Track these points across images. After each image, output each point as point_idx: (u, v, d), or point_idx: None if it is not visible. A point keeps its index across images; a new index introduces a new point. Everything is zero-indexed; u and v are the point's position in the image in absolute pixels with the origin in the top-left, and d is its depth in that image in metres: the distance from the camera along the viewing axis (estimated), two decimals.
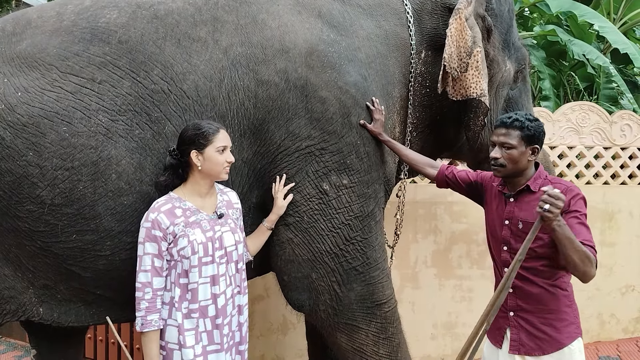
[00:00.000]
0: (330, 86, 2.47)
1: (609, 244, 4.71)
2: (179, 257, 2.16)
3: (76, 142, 2.23)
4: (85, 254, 2.31)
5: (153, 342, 2.16)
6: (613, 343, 4.74)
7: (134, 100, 2.29)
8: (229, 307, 2.27)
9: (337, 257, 2.51)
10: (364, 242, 2.55)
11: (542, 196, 1.92)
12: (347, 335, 2.61)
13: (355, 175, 2.52)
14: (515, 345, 2.25)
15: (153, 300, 2.15)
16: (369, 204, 2.57)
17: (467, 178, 2.54)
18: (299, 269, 2.52)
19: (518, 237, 2.24)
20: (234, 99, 2.38)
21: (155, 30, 2.38)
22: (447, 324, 4.44)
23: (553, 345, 2.20)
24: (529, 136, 2.20)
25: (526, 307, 2.24)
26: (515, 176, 2.27)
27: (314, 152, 2.45)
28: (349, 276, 2.54)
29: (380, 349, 2.64)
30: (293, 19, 2.52)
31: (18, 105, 2.23)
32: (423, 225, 4.35)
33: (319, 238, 2.49)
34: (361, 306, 2.58)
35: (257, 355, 4.15)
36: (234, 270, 2.29)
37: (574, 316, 2.25)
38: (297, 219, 2.48)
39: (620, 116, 4.71)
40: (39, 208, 2.24)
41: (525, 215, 2.22)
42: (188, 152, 2.19)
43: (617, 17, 6.98)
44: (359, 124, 2.52)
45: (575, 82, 6.50)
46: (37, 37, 2.37)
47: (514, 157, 2.21)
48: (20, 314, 2.39)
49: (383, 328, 2.64)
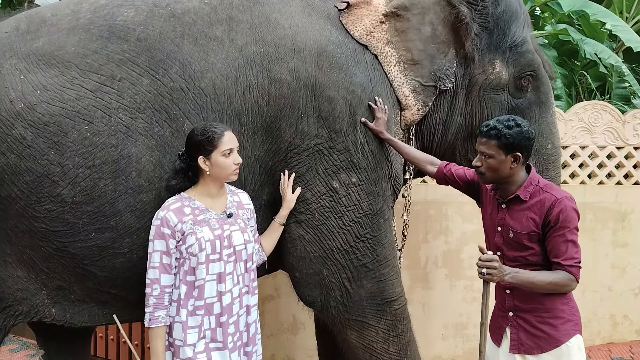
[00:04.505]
0: (338, 86, 2.49)
1: (621, 245, 4.68)
2: (187, 254, 2.17)
3: (97, 140, 2.25)
4: (104, 252, 2.32)
5: (159, 338, 2.19)
6: (626, 344, 4.70)
7: (153, 98, 2.31)
8: (236, 307, 2.27)
9: (347, 254, 2.53)
10: (373, 239, 2.57)
11: (477, 263, 2.10)
12: (357, 332, 2.62)
13: (363, 173, 2.53)
14: (515, 344, 2.27)
15: (161, 296, 2.17)
16: (378, 201, 2.58)
17: (464, 176, 2.54)
18: (311, 265, 2.53)
19: (510, 245, 2.25)
20: (249, 97, 2.40)
21: (172, 29, 2.39)
22: (458, 325, 4.43)
23: (551, 343, 2.20)
24: (507, 144, 2.17)
25: (524, 306, 2.25)
26: (502, 183, 2.27)
27: (323, 150, 2.47)
28: (359, 273, 2.55)
29: (390, 346, 2.65)
30: (304, 20, 2.55)
31: (38, 104, 2.25)
32: (434, 226, 4.34)
33: (330, 235, 2.51)
34: (371, 303, 2.59)
35: (267, 355, 4.15)
36: (242, 270, 2.30)
37: (571, 314, 2.24)
38: (308, 217, 2.50)
39: (633, 115, 4.67)
40: (59, 207, 2.25)
41: (516, 225, 2.23)
42: (196, 157, 2.21)
43: (629, 15, 6.93)
44: (362, 123, 2.54)
45: (587, 82, 6.46)
46: (54, 35, 2.38)
47: (492, 166, 2.21)
48: (33, 315, 2.41)
49: (393, 325, 2.65)
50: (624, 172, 4.71)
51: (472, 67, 2.78)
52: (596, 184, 4.65)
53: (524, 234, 2.20)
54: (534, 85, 2.89)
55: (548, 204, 2.16)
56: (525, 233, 2.20)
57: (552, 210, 2.15)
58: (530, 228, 2.19)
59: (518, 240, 2.22)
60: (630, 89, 6.23)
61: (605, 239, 4.62)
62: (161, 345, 2.19)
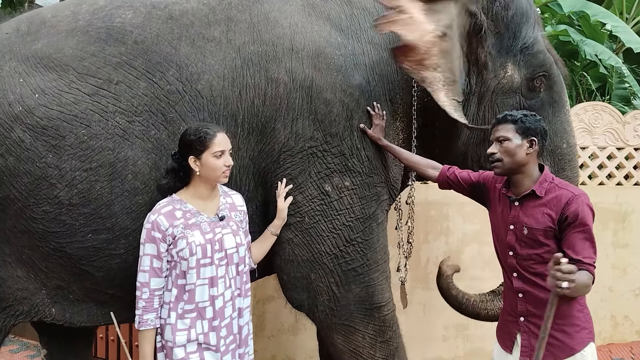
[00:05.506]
0: (335, 88, 2.47)
1: (622, 245, 4.67)
2: (178, 258, 2.16)
3: (94, 144, 2.26)
4: (100, 253, 2.33)
5: (147, 341, 2.20)
6: (627, 345, 4.69)
7: (150, 101, 2.31)
8: (228, 310, 2.25)
9: (336, 258, 2.50)
10: (364, 243, 2.54)
11: (556, 274, 1.80)
12: (344, 336, 2.60)
13: (357, 178, 2.51)
14: (526, 351, 2.21)
15: (150, 300, 2.17)
16: (371, 205, 2.56)
17: (469, 179, 2.49)
18: (298, 269, 2.52)
19: (523, 242, 2.20)
20: (245, 98, 2.39)
21: (170, 31, 2.39)
22: (459, 326, 4.41)
23: (565, 351, 2.15)
24: (524, 128, 2.17)
25: (536, 312, 2.17)
26: (516, 173, 2.23)
27: (317, 153, 2.45)
28: (347, 277, 2.53)
29: (377, 352, 2.62)
30: (303, 20, 2.54)
31: (36, 107, 2.26)
32: (434, 226, 4.34)
33: (319, 239, 2.49)
34: (359, 308, 2.57)
35: (267, 356, 4.15)
36: (234, 273, 2.28)
37: (585, 321, 2.20)
38: (298, 220, 2.48)
39: (633, 116, 4.67)
40: (56, 208, 2.26)
41: (531, 222, 2.18)
42: (187, 157, 2.20)
43: (629, 16, 6.93)
44: (360, 128, 2.52)
45: (588, 83, 6.46)
46: (53, 37, 2.38)
47: (510, 150, 2.18)
48: (33, 314, 2.42)
49: (381, 331, 2.62)
50: (624, 172, 4.71)
51: (485, 73, 2.72)
52: (596, 184, 4.65)
53: (540, 230, 2.14)
54: (546, 85, 2.82)
55: (565, 199, 2.12)
56: (541, 229, 2.14)
57: (569, 207, 2.10)
58: (546, 224, 2.14)
59: (533, 237, 2.16)
60: (631, 89, 6.23)
61: (605, 240, 4.60)
62: (149, 348, 2.20)
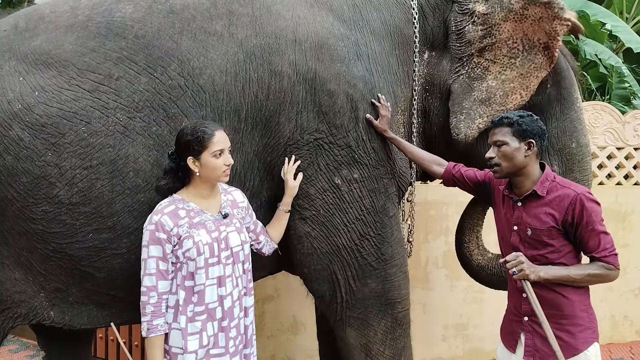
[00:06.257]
0: (339, 80, 2.46)
1: (622, 245, 4.65)
2: (185, 259, 2.11)
3: (94, 141, 2.23)
4: (102, 253, 2.29)
5: (157, 348, 2.12)
6: (626, 345, 4.69)
7: (151, 97, 2.28)
8: (236, 310, 2.22)
9: (352, 252, 2.52)
10: (377, 237, 2.54)
11: (506, 265, 2.08)
12: (357, 330, 2.60)
13: (365, 170, 2.51)
14: (530, 350, 2.21)
15: (158, 304, 2.10)
16: (380, 198, 2.55)
17: (474, 177, 2.48)
18: (319, 261, 2.52)
19: (527, 243, 2.19)
20: (248, 92, 2.36)
21: (171, 25, 2.36)
22: (459, 326, 4.41)
23: (568, 351, 2.13)
24: (521, 131, 2.16)
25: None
26: (517, 175, 2.22)
27: (323, 145, 2.45)
28: (364, 272, 2.54)
29: (386, 349, 2.62)
30: (306, 12, 2.52)
31: (36, 105, 2.22)
32: (434, 226, 4.33)
33: (336, 232, 2.50)
34: (374, 303, 2.58)
35: (267, 355, 4.14)
36: (240, 272, 2.25)
37: (589, 321, 2.19)
38: (313, 213, 2.48)
39: (633, 116, 4.67)
40: (56, 208, 2.23)
41: (534, 222, 2.18)
42: (185, 157, 2.14)
43: (629, 16, 6.94)
44: (365, 119, 2.51)
45: (587, 82, 6.46)
46: (52, 33, 2.35)
47: (507, 154, 2.17)
48: (32, 317, 2.39)
49: (392, 328, 2.62)
50: (624, 172, 4.71)
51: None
52: (596, 184, 4.63)
53: (543, 230, 2.15)
54: (554, 81, 2.74)
55: (568, 200, 2.12)
56: (544, 229, 2.14)
57: (574, 208, 2.10)
58: (549, 224, 2.14)
59: (537, 237, 2.16)
60: (630, 89, 6.23)
61: None
62: (159, 355, 2.12)
